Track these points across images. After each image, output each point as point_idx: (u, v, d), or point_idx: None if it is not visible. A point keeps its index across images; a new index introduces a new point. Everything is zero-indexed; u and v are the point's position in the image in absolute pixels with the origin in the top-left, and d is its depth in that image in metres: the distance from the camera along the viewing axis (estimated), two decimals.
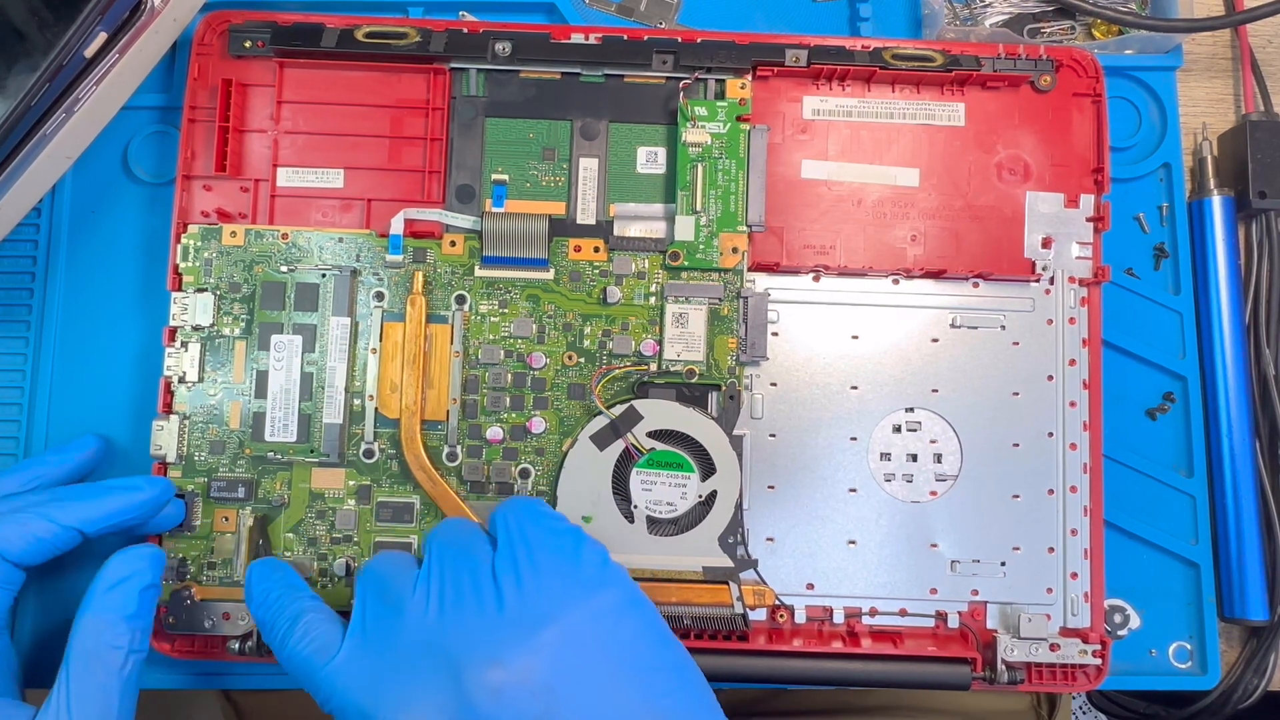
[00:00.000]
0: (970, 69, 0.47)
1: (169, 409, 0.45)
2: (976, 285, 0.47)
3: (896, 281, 0.47)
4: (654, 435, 0.45)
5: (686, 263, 0.46)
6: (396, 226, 0.46)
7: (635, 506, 0.44)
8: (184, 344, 0.45)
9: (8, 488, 0.43)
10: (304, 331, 0.45)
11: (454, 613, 0.36)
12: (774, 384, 0.46)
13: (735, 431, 0.45)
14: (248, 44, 0.46)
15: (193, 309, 0.45)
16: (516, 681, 0.34)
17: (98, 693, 0.37)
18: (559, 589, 0.36)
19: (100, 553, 0.42)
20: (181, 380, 0.45)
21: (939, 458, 0.46)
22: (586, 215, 0.47)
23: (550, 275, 0.46)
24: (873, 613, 0.45)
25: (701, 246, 0.46)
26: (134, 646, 0.39)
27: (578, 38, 0.47)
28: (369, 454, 0.45)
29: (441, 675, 0.34)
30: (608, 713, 0.34)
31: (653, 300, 0.46)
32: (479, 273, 0.46)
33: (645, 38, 0.47)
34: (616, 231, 0.46)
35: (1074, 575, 0.45)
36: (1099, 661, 0.45)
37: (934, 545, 0.46)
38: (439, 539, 0.39)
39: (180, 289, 0.45)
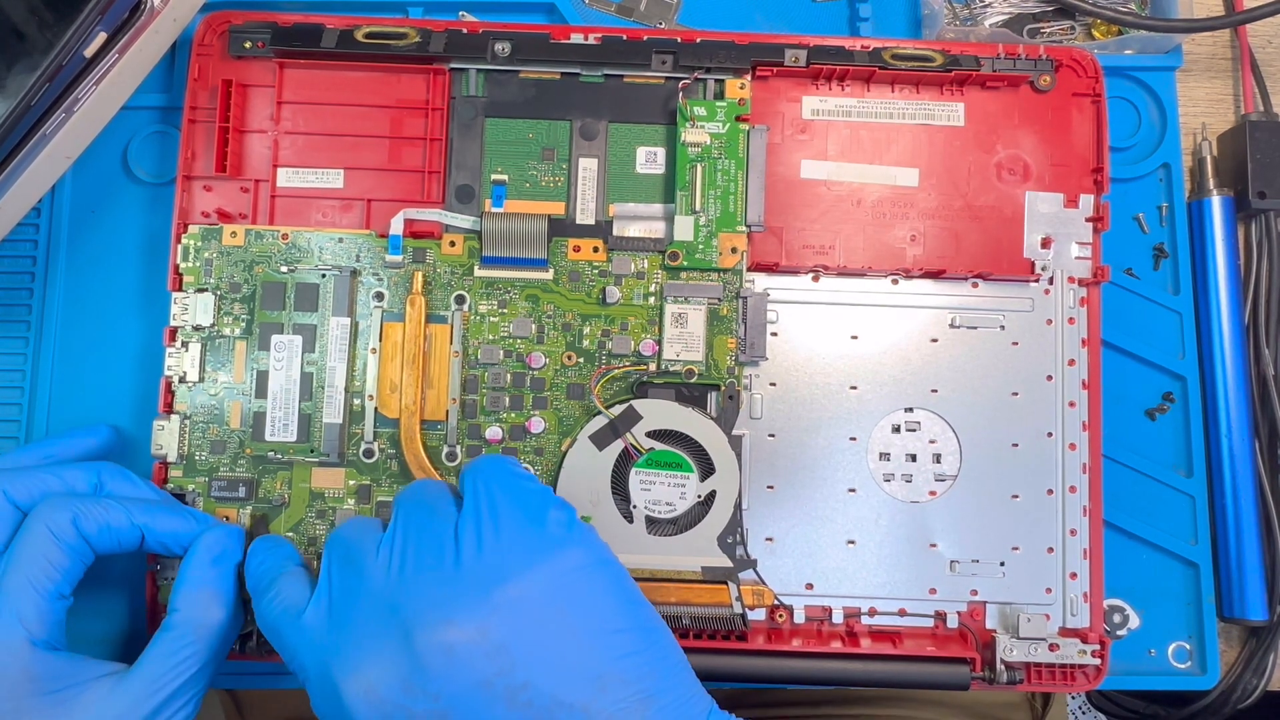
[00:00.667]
0: (970, 69, 0.47)
1: (170, 409, 0.45)
2: (976, 285, 0.47)
3: (896, 281, 0.47)
4: (653, 435, 0.45)
5: (686, 263, 0.46)
6: (396, 226, 0.46)
7: (634, 506, 0.44)
8: (184, 344, 0.45)
9: (21, 461, 0.43)
10: (304, 331, 0.45)
11: (411, 572, 0.35)
12: (773, 384, 0.46)
13: (734, 431, 0.45)
14: (248, 44, 0.47)
15: (193, 309, 0.45)
16: (469, 640, 0.33)
17: (191, 660, 0.38)
18: (520, 548, 0.35)
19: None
20: (182, 380, 0.45)
21: (938, 458, 0.46)
22: (586, 215, 0.47)
23: (549, 275, 0.46)
24: (872, 613, 0.46)
25: (701, 246, 0.46)
26: (233, 634, 0.40)
27: (577, 38, 0.47)
28: (369, 454, 0.45)
29: (395, 634, 0.34)
30: (565, 673, 0.33)
31: (652, 300, 0.46)
32: (478, 273, 0.46)
33: (645, 38, 0.47)
34: (616, 231, 0.46)
35: (1073, 575, 0.45)
36: (1098, 661, 0.45)
37: (933, 545, 0.46)
38: (405, 499, 0.38)
39: (181, 289, 0.46)
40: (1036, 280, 0.47)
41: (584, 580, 0.35)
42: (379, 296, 0.46)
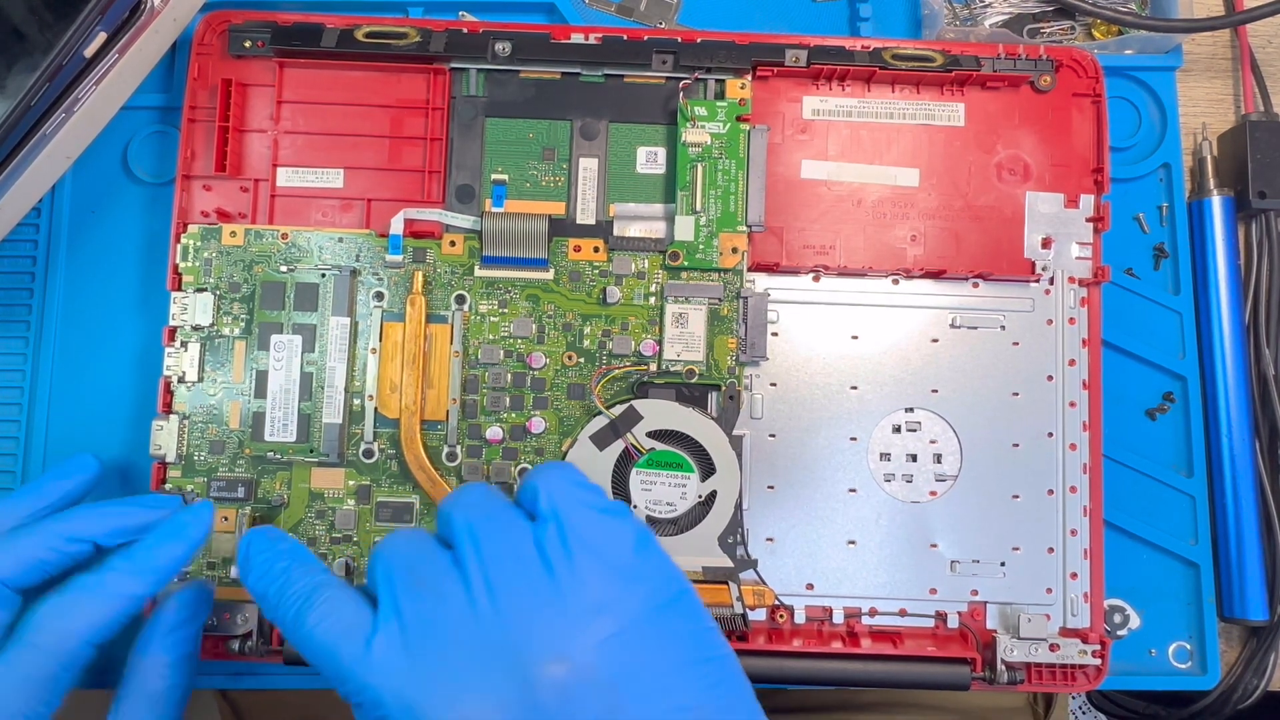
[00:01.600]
0: (970, 69, 0.47)
1: (169, 409, 0.45)
2: (976, 285, 0.47)
3: (896, 281, 0.47)
4: (654, 435, 0.45)
5: (686, 263, 0.46)
6: (396, 226, 0.46)
7: (635, 506, 0.44)
8: (184, 344, 0.45)
9: (8, 520, 0.42)
10: (304, 331, 0.45)
11: (507, 600, 0.33)
12: (774, 384, 0.46)
13: (735, 431, 0.45)
14: (248, 44, 0.46)
15: (192, 309, 0.45)
16: (580, 678, 0.31)
17: None
18: (612, 575, 0.33)
19: None
20: (181, 380, 0.45)
21: (939, 458, 0.46)
22: (586, 215, 0.47)
23: (550, 275, 0.46)
24: (872, 613, 0.45)
25: (701, 246, 0.46)
26: (189, 683, 0.39)
27: (578, 38, 0.47)
28: (368, 454, 0.45)
29: (500, 668, 0.32)
30: (668, 708, 0.32)
31: (652, 300, 0.46)
32: (479, 273, 0.46)
33: (645, 38, 0.47)
34: (616, 231, 0.46)
35: (1074, 575, 0.45)
36: (1098, 661, 0.45)
37: (934, 545, 0.46)
38: (465, 510, 0.35)
39: (180, 289, 0.45)
40: (1037, 280, 0.47)
41: (674, 608, 0.34)
42: (379, 296, 0.46)
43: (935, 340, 0.47)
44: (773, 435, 0.46)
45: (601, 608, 0.33)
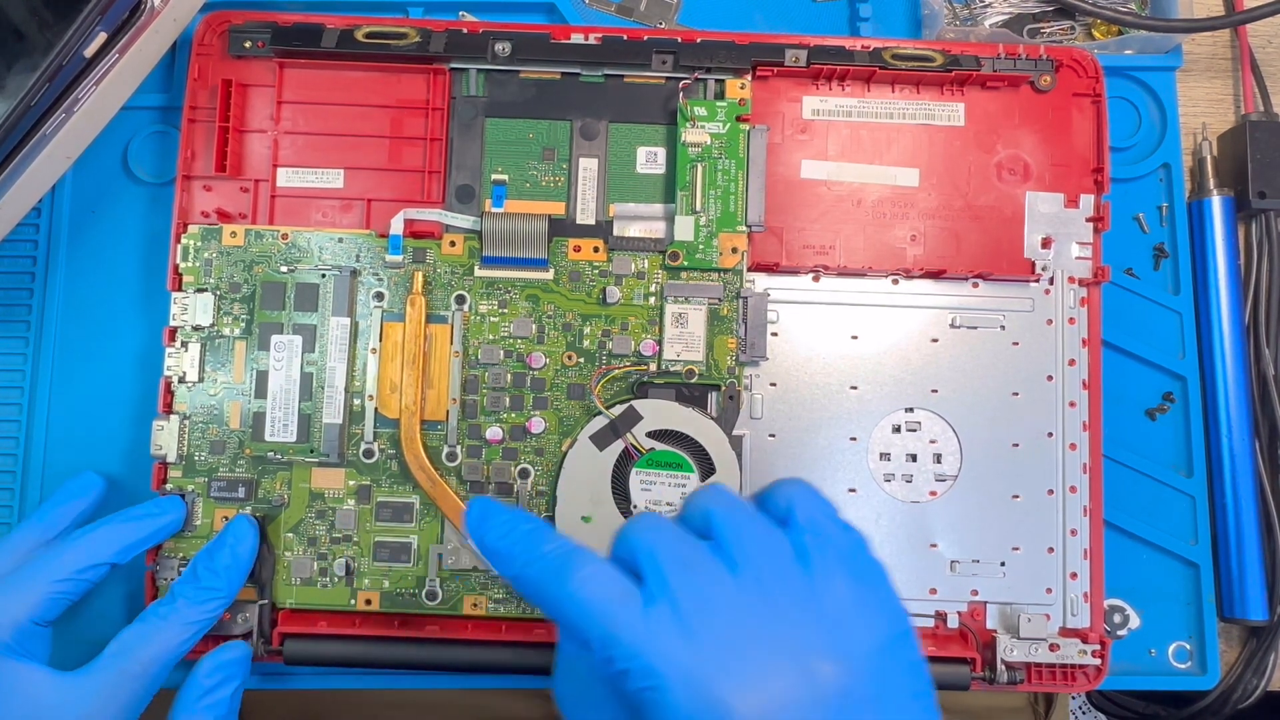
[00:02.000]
0: (970, 69, 0.47)
1: (169, 409, 0.45)
2: (976, 285, 0.47)
3: (896, 281, 0.47)
4: (653, 435, 0.45)
5: (686, 263, 0.46)
6: (396, 226, 0.46)
7: (634, 507, 0.44)
8: (184, 344, 0.45)
9: (21, 550, 0.43)
10: (304, 331, 0.45)
11: (775, 594, 0.33)
12: (773, 384, 0.46)
13: (735, 431, 0.45)
14: (248, 44, 0.47)
15: (193, 309, 0.45)
16: (856, 682, 0.32)
17: None
18: (864, 593, 0.34)
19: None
20: (182, 380, 0.45)
21: (938, 458, 0.46)
22: (586, 215, 0.47)
23: (550, 275, 0.46)
24: None
25: (701, 246, 0.46)
26: None
27: (578, 38, 0.47)
28: (369, 454, 0.45)
29: (780, 657, 0.32)
30: None
31: (652, 300, 0.46)
32: (479, 273, 0.46)
33: (645, 38, 0.47)
34: (616, 231, 0.46)
35: (1073, 575, 0.45)
36: (1098, 661, 0.45)
37: (933, 545, 0.46)
38: (723, 507, 0.35)
39: (180, 289, 0.46)
40: (1037, 280, 0.47)
41: (910, 639, 0.34)
42: (379, 296, 0.46)
43: (935, 340, 0.47)
44: (772, 435, 0.46)
45: (861, 621, 0.33)
